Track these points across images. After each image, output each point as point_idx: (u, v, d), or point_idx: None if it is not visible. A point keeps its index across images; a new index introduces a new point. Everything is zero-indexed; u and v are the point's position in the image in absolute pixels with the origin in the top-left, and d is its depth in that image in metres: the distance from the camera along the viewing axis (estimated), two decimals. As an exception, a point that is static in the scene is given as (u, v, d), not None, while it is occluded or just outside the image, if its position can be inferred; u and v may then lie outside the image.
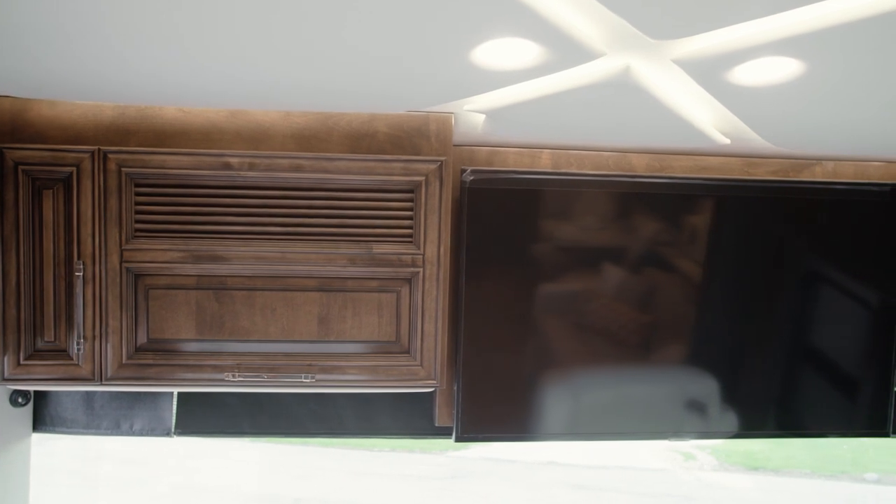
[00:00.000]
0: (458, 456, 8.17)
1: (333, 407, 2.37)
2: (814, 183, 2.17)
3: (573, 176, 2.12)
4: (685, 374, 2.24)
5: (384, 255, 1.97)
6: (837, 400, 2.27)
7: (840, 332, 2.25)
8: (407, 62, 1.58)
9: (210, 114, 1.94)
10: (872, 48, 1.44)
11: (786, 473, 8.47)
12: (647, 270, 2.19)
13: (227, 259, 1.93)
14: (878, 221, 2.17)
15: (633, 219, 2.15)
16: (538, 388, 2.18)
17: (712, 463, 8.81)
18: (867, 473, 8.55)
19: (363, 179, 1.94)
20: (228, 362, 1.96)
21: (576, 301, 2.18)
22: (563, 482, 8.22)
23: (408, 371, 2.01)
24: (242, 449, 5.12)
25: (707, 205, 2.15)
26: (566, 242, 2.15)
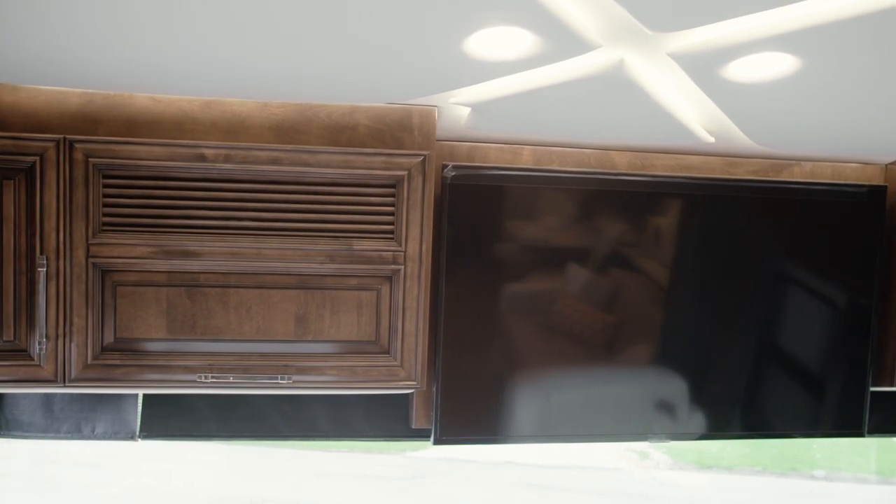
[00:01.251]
0: (416, 456, 8.10)
1: (307, 409, 2.29)
2: (792, 183, 2.18)
3: (556, 173, 2.09)
4: (673, 376, 2.23)
5: (364, 252, 1.91)
6: (814, 401, 2.28)
7: (816, 333, 2.26)
8: (395, 51, 1.53)
9: (183, 103, 1.85)
10: (866, 47, 1.44)
11: (738, 472, 8.62)
12: (630, 268, 2.17)
13: (200, 255, 1.85)
14: (855, 223, 2.19)
15: (615, 217, 2.13)
16: (519, 391, 2.15)
17: (667, 462, 8.92)
18: (815, 471, 8.76)
19: (343, 173, 1.88)
20: (200, 363, 1.87)
21: (556, 300, 2.15)
22: (521, 482, 8.22)
23: (387, 372, 1.95)
24: (200, 451, 4.98)
25: (688, 204, 2.14)
26: (549, 240, 2.11)
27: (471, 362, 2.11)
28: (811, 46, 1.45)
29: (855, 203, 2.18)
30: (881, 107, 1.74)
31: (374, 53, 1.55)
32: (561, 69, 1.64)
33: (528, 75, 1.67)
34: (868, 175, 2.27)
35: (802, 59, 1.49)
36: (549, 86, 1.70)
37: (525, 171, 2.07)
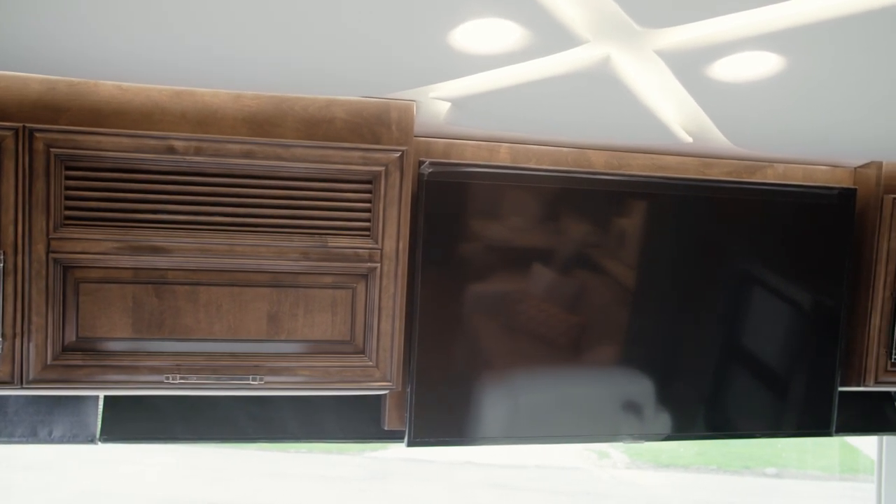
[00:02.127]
0: (376, 457, 8.04)
1: (275, 411, 2.23)
2: (765, 184, 2.19)
3: (534, 171, 2.07)
4: (648, 377, 2.22)
5: (340, 250, 1.85)
6: (783, 401, 2.30)
7: (786, 334, 2.28)
8: (377, 42, 1.48)
9: (152, 92, 1.78)
10: (849, 49, 1.44)
11: (694, 470, 8.78)
12: (609, 267, 2.16)
13: (169, 251, 1.77)
14: (825, 225, 2.21)
15: (591, 216, 2.12)
16: (495, 392, 2.12)
17: (625, 461, 9.03)
18: (768, 468, 8.97)
19: (319, 168, 1.82)
20: (168, 363, 1.80)
21: (529, 299, 2.12)
22: (482, 482, 8.22)
23: (362, 372, 1.90)
24: (161, 452, 4.85)
25: (663, 204, 2.14)
26: (526, 239, 2.09)
27: (446, 363, 2.07)
28: (796, 46, 1.44)
29: (825, 205, 2.20)
30: (857, 109, 1.76)
31: (354, 44, 1.50)
32: (546, 64, 1.61)
33: (511, 70, 1.64)
34: (838, 178, 2.30)
35: (787, 59, 1.49)
36: (532, 81, 1.67)
37: (503, 168, 2.05)
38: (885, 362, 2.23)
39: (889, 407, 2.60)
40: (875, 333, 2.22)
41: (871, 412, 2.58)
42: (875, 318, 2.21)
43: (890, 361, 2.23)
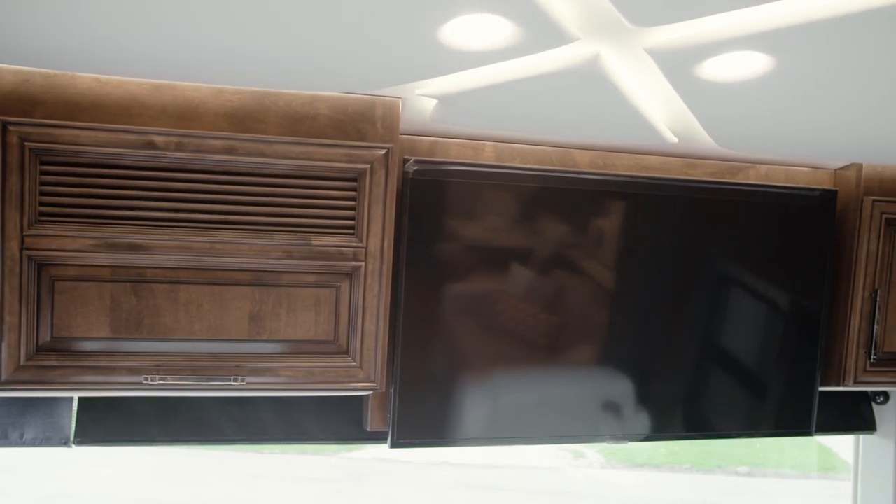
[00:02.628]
0: (351, 457, 8.00)
1: (255, 412, 2.19)
2: (748, 185, 2.20)
3: (520, 170, 2.05)
4: (631, 379, 2.22)
5: (324, 248, 1.82)
6: (764, 401, 2.31)
7: (767, 334, 2.29)
8: (364, 37, 1.46)
9: (131, 86, 1.73)
10: (838, 50, 1.45)
11: (667, 469, 8.87)
12: (593, 267, 2.15)
13: (148, 248, 1.73)
14: (807, 226, 2.23)
15: (575, 215, 2.11)
16: (481, 392, 2.10)
17: (600, 460, 9.10)
18: (740, 467, 9.08)
19: (302, 165, 1.79)
20: (146, 364, 1.76)
21: (517, 299, 2.11)
22: (457, 482, 8.22)
23: (346, 373, 1.88)
24: (132, 454, 4.77)
25: (646, 204, 2.13)
26: (512, 238, 2.07)
27: (430, 363, 2.05)
28: (786, 47, 1.44)
29: (807, 206, 2.22)
30: (840, 111, 1.77)
31: (341, 38, 1.47)
32: (535, 62, 1.60)
33: (500, 68, 1.62)
34: (818, 179, 2.32)
35: (775, 59, 1.49)
36: (521, 79, 1.65)
37: (488, 167, 2.03)
38: (864, 362, 2.25)
39: (866, 407, 2.63)
40: (854, 334, 2.24)
41: (848, 412, 2.61)
42: (855, 319, 2.23)
43: (869, 362, 2.25)
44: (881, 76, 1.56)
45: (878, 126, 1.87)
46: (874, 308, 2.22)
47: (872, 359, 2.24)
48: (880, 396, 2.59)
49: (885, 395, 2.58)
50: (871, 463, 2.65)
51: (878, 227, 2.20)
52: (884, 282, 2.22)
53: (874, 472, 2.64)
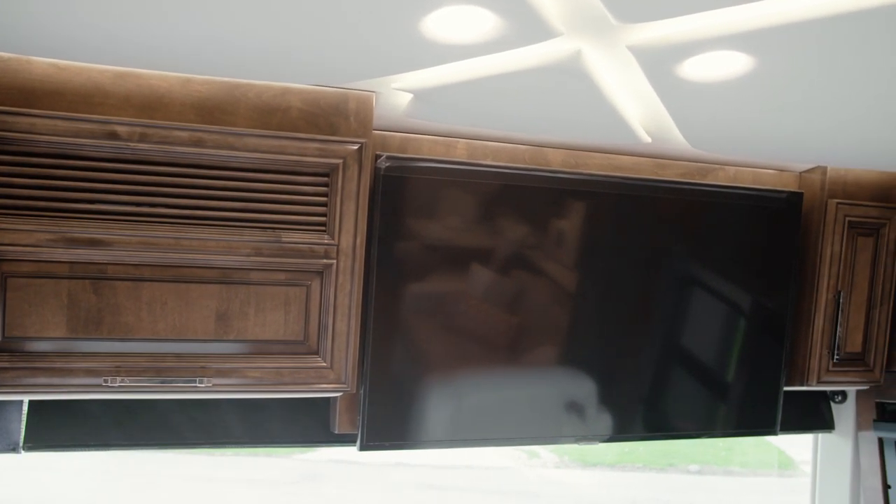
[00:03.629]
0: (307, 459, 7.88)
1: (217, 414, 2.11)
2: (716, 186, 2.21)
3: (493, 168, 2.02)
4: (606, 379, 2.21)
5: (294, 245, 1.77)
6: (729, 401, 2.33)
7: (732, 335, 2.31)
8: (341, 27, 1.41)
9: (93, 72, 1.64)
10: (817, 52, 1.46)
11: (620, 468, 8.98)
12: (566, 266, 2.13)
13: (109, 244, 1.65)
14: (773, 227, 2.25)
15: (547, 214, 2.09)
16: (453, 394, 2.06)
17: (554, 460, 9.15)
18: (690, 465, 9.26)
19: (273, 159, 1.74)
20: (106, 365, 1.68)
21: (489, 299, 2.08)
22: (414, 482, 8.17)
23: (316, 374, 1.82)
24: (81, 459, 4.60)
25: (614, 204, 2.12)
26: (485, 237, 2.04)
27: (402, 364, 2.00)
28: (767, 47, 1.45)
29: (773, 208, 2.24)
30: (811, 114, 1.78)
31: (316, 28, 1.42)
32: (516, 58, 1.57)
33: (480, 62, 1.59)
34: (784, 182, 2.34)
35: (756, 60, 1.50)
36: (500, 75, 1.62)
37: (463, 164, 1.99)
38: (827, 362, 2.29)
39: (825, 406, 2.67)
40: (818, 335, 2.27)
41: (807, 411, 2.65)
42: (818, 320, 2.26)
43: (832, 362, 2.28)
44: (851, 79, 1.57)
45: (845, 129, 1.89)
46: (837, 309, 2.26)
47: (835, 359, 2.28)
48: (839, 396, 2.64)
49: (843, 394, 2.63)
50: (829, 461, 2.70)
51: (841, 230, 2.24)
52: (846, 283, 2.26)
53: (832, 469, 2.69)
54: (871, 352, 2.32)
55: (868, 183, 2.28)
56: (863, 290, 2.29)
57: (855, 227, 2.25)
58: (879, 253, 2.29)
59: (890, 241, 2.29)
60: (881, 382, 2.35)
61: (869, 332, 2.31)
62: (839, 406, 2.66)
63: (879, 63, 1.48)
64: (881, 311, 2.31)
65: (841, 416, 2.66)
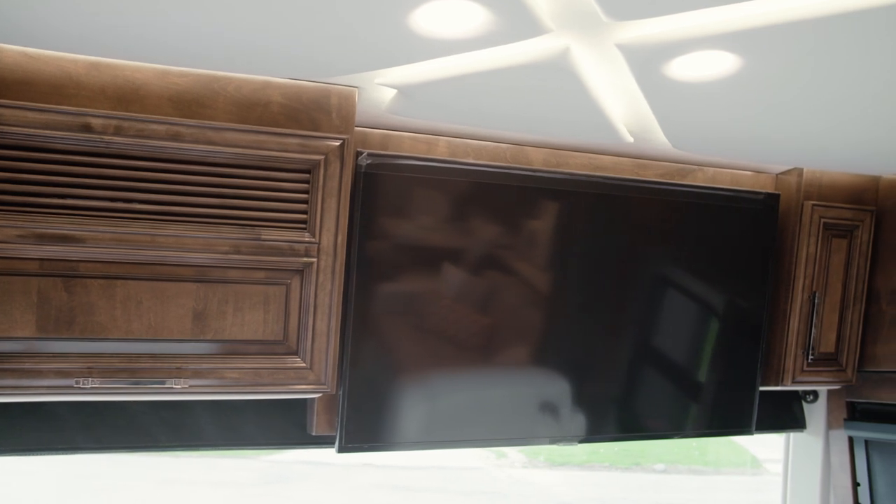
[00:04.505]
0: (274, 460, 7.79)
1: (190, 415, 2.06)
2: (696, 187, 2.22)
3: (476, 167, 2.00)
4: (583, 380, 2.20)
5: (274, 243, 1.73)
6: (706, 401, 2.34)
7: (709, 335, 2.32)
8: (325, 19, 1.37)
9: (65, 62, 1.59)
10: (804, 53, 1.46)
11: (588, 467, 9.05)
12: (545, 266, 2.12)
13: (82, 240, 1.59)
14: (751, 228, 2.27)
15: (528, 213, 2.07)
16: (433, 394, 2.04)
17: (522, 460, 9.19)
18: (657, 464, 9.36)
19: (253, 154, 1.69)
20: (78, 366, 1.62)
21: (467, 299, 2.06)
22: (381, 484, 8.14)
23: (295, 375, 1.78)
24: (35, 461, 4.47)
25: (595, 203, 2.12)
26: (466, 235, 2.02)
27: (382, 365, 1.97)
28: (755, 47, 1.45)
29: (751, 209, 2.25)
30: (792, 115, 1.80)
31: (299, 20, 1.39)
32: (503, 55, 1.55)
33: (467, 59, 1.57)
34: (761, 183, 2.36)
35: (743, 60, 1.50)
36: (486, 71, 1.61)
37: (445, 163, 1.97)
38: (801, 362, 2.31)
39: (797, 405, 2.71)
40: (794, 335, 2.29)
41: (780, 411, 2.68)
42: (794, 321, 2.28)
43: (806, 362, 2.31)
44: (833, 82, 1.58)
45: (824, 131, 1.91)
46: (812, 310, 2.28)
47: (810, 359, 2.30)
48: (810, 395, 2.67)
49: (814, 394, 2.66)
50: (800, 459, 2.74)
51: (816, 231, 2.26)
52: (821, 284, 2.29)
53: (803, 468, 2.72)
54: (843, 352, 2.35)
55: (842, 185, 2.31)
56: (836, 291, 2.32)
57: (829, 228, 2.28)
58: (853, 254, 2.32)
59: (863, 242, 2.32)
60: (853, 382, 2.39)
61: (842, 332, 2.34)
62: (810, 405, 2.69)
63: (863, 66, 1.49)
64: (853, 312, 2.34)
65: (812, 415, 2.69)
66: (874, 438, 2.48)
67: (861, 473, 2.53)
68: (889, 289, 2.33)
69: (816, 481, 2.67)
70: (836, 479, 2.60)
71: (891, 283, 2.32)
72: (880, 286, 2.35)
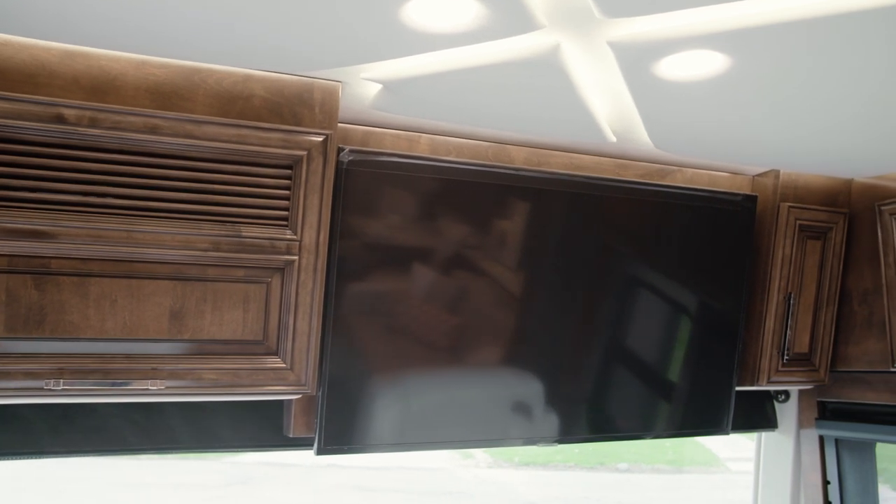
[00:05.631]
0: (236, 461, 7.68)
1: (162, 418, 2.00)
2: (675, 188, 2.22)
3: (459, 165, 1.98)
4: (564, 382, 2.19)
5: (254, 240, 1.68)
6: (682, 401, 2.35)
7: (686, 336, 2.32)
8: (313, 10, 1.34)
9: (37, 50, 1.52)
10: (794, 54, 1.47)
11: (552, 467, 9.12)
12: (533, 265, 2.10)
13: (54, 236, 1.53)
14: (728, 229, 2.28)
15: (508, 211, 2.05)
16: (412, 395, 2.01)
17: (487, 460, 9.22)
18: (619, 463, 9.46)
19: (234, 149, 1.65)
20: (49, 367, 1.55)
21: (450, 299, 2.04)
22: (346, 484, 8.08)
23: (275, 375, 1.74)
24: None
25: (576, 202, 2.10)
26: (449, 234, 1.99)
27: (362, 365, 1.94)
28: (743, 48, 1.45)
29: (729, 210, 2.27)
30: (778, 116, 1.80)
31: (283, 10, 1.34)
32: (493, 50, 1.53)
33: (455, 54, 1.54)
34: (738, 185, 2.38)
35: (732, 60, 1.50)
36: (475, 67, 1.58)
37: (428, 160, 1.94)
38: (777, 363, 2.33)
39: (769, 405, 2.74)
40: (769, 335, 2.31)
41: (752, 410, 2.71)
42: (770, 321, 2.30)
43: (781, 362, 2.33)
44: (817, 85, 1.59)
45: (801, 134, 1.92)
46: (788, 311, 2.31)
47: (785, 359, 2.33)
48: (782, 395, 2.70)
49: (786, 393, 2.70)
50: (772, 458, 2.77)
51: (792, 233, 2.28)
52: (796, 285, 2.31)
53: (774, 466, 2.75)
54: (817, 352, 2.38)
55: (817, 188, 2.34)
56: (811, 293, 2.34)
57: (805, 230, 2.30)
58: (826, 256, 2.34)
59: (836, 244, 2.35)
60: (826, 382, 2.42)
61: (815, 333, 2.37)
62: (782, 405, 2.73)
63: (844, 69, 1.50)
64: (826, 313, 2.37)
65: (784, 414, 2.72)
66: (844, 437, 2.52)
67: (831, 471, 2.57)
68: (860, 290, 2.37)
69: (787, 479, 2.70)
70: (806, 477, 2.63)
71: (862, 284, 2.36)
72: (852, 287, 2.39)
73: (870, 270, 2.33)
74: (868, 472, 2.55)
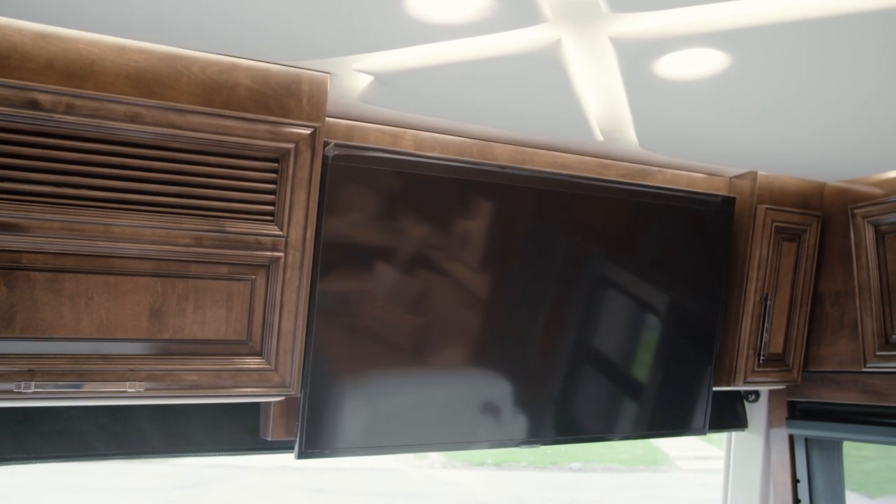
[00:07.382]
0: (186, 464, 7.49)
1: (131, 421, 1.90)
2: (654, 188, 2.22)
3: (447, 162, 1.94)
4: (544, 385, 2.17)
5: (239, 235, 1.61)
6: (659, 402, 2.35)
7: (663, 337, 2.32)
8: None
9: (9, 31, 1.42)
10: (791, 56, 1.47)
11: (506, 468, 9.16)
12: (523, 263, 2.07)
13: (25, 229, 1.44)
14: (706, 230, 2.29)
15: (492, 209, 2.02)
16: (396, 397, 1.96)
17: (441, 461, 9.20)
18: (573, 463, 9.56)
19: (218, 140, 1.58)
20: (19, 368, 1.46)
21: (432, 298, 1.99)
22: (299, 486, 7.96)
23: (259, 377, 1.67)
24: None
25: (557, 202, 2.08)
26: (433, 231, 1.95)
27: (345, 367, 1.88)
28: (744, 46, 1.44)
29: (707, 211, 2.28)
30: (764, 116, 1.81)
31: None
32: (492, 44, 1.49)
33: (452, 46, 1.50)
34: (715, 186, 2.40)
35: (730, 60, 1.49)
36: (472, 60, 1.54)
37: (415, 156, 1.89)
38: (753, 363, 2.36)
39: (739, 405, 2.77)
40: (746, 336, 2.33)
41: (722, 410, 2.73)
42: (746, 322, 2.32)
43: (758, 362, 2.36)
44: (800, 86, 1.60)
45: (779, 136, 1.94)
46: (764, 312, 2.33)
47: (761, 360, 2.35)
48: (752, 395, 2.74)
49: (756, 393, 2.73)
50: (742, 457, 2.80)
51: (769, 234, 2.31)
52: (772, 286, 2.34)
53: (744, 465, 2.79)
54: (791, 353, 2.41)
55: (792, 190, 2.37)
56: (785, 294, 2.37)
57: (780, 232, 2.33)
58: (800, 258, 2.38)
59: (809, 246, 2.39)
60: (798, 382, 2.45)
61: (789, 333, 2.40)
62: (752, 405, 2.76)
63: (832, 74, 1.52)
64: (800, 314, 2.40)
65: (754, 414, 2.76)
66: (814, 436, 2.56)
67: (801, 470, 2.61)
68: (833, 292, 2.41)
69: (757, 478, 2.73)
70: (776, 475, 2.67)
71: (834, 286, 2.40)
72: (824, 289, 2.43)
73: (842, 272, 2.37)
74: (836, 470, 2.59)
